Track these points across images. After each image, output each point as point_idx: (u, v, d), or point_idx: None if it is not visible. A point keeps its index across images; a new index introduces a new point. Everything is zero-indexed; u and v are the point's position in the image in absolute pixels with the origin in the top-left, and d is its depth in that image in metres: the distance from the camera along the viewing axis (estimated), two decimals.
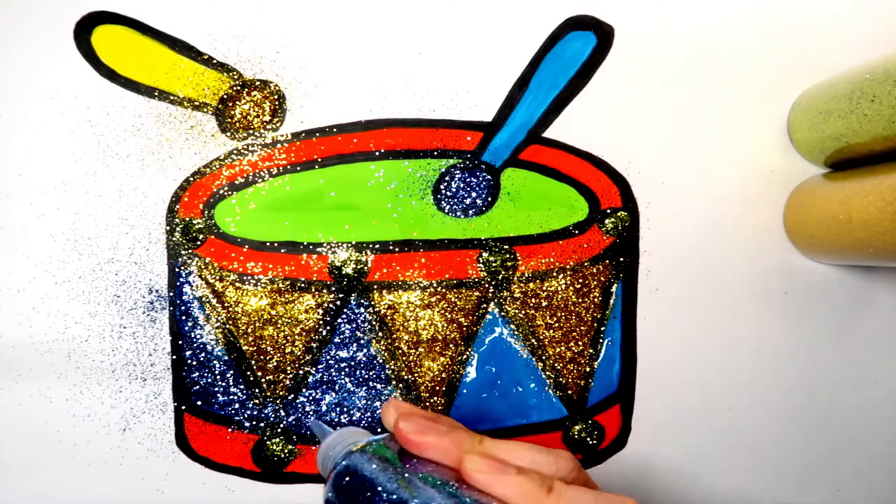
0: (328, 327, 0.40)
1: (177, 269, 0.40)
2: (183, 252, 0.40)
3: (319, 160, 0.40)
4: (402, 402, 0.30)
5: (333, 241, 0.40)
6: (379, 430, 0.41)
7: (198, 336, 0.40)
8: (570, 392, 0.41)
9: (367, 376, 0.41)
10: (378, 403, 0.41)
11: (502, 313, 0.41)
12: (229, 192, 0.40)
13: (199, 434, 0.41)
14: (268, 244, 0.40)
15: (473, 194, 0.41)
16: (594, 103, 0.41)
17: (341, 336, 0.40)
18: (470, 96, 0.41)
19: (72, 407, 0.40)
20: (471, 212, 0.41)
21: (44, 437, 0.41)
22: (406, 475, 0.26)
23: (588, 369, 0.41)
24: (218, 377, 0.40)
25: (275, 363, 0.40)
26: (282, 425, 0.41)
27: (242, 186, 0.40)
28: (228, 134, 0.40)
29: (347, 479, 0.27)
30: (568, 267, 0.41)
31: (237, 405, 0.41)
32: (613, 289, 0.41)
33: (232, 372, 0.40)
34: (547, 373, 0.41)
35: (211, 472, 0.41)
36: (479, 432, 0.41)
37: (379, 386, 0.41)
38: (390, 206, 0.40)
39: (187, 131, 0.40)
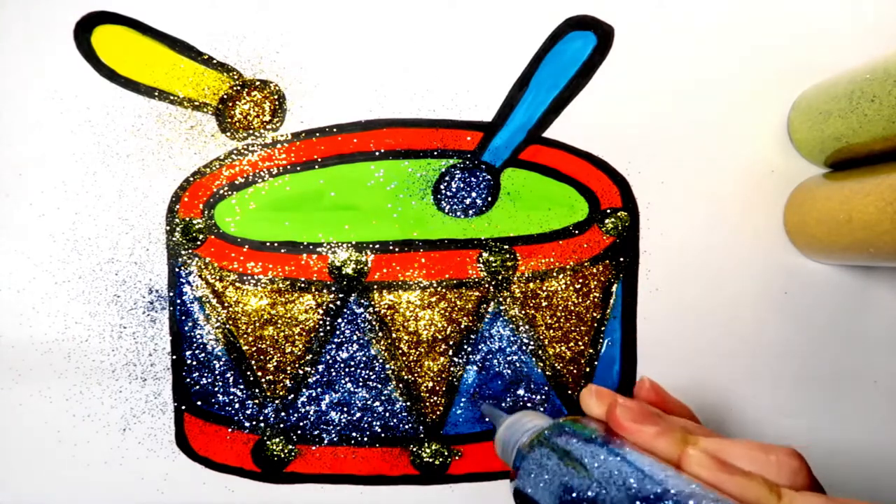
0: (328, 327, 0.40)
1: (177, 269, 0.40)
2: (183, 252, 0.40)
3: (319, 160, 0.40)
4: (603, 389, 0.29)
5: (333, 241, 0.40)
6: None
7: (198, 336, 0.40)
8: (570, 392, 0.41)
9: (367, 376, 0.41)
10: (378, 403, 0.41)
11: (502, 313, 0.41)
12: (229, 192, 0.40)
13: (199, 434, 0.41)
14: (268, 244, 0.40)
15: (473, 194, 0.41)
16: (594, 103, 0.41)
17: (341, 336, 0.40)
18: (470, 96, 0.41)
19: (72, 407, 0.40)
20: (471, 212, 0.41)
21: (44, 437, 0.41)
22: (616, 451, 0.25)
23: (588, 369, 0.41)
24: (218, 377, 0.40)
25: (275, 363, 0.40)
26: (282, 425, 0.41)
27: (242, 186, 0.40)
28: (228, 134, 0.40)
29: (548, 456, 0.26)
30: (568, 267, 0.41)
31: (237, 405, 0.41)
32: (613, 289, 0.41)
33: (232, 372, 0.40)
34: (547, 373, 0.41)
35: (211, 472, 0.41)
36: (478, 432, 0.41)
37: (379, 386, 0.41)
38: (390, 206, 0.40)
39: (187, 131, 0.40)
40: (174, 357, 0.40)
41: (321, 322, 0.40)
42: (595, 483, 0.24)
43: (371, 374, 0.41)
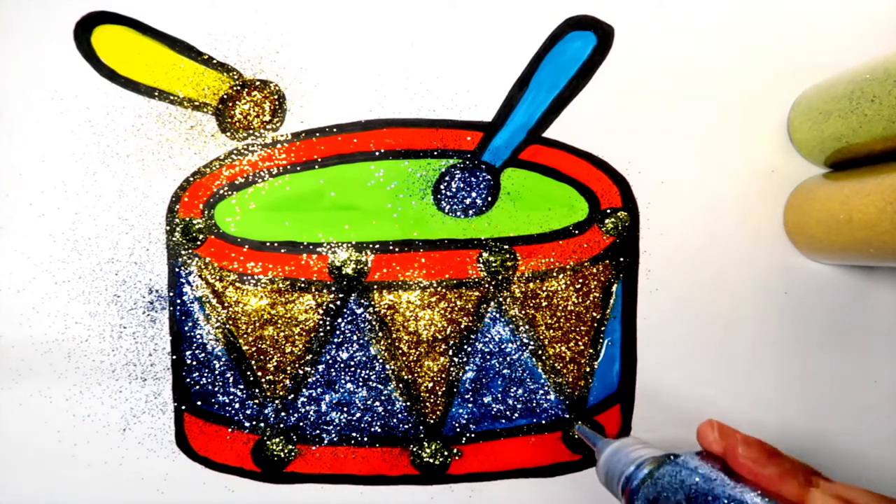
0: (328, 327, 0.40)
1: (177, 269, 0.40)
2: (183, 252, 0.40)
3: (319, 160, 0.40)
4: (724, 425, 0.30)
5: (333, 241, 0.40)
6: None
7: (198, 336, 0.40)
8: (570, 392, 0.41)
9: (367, 376, 0.41)
10: (378, 403, 0.41)
11: (502, 313, 0.41)
12: (229, 192, 0.40)
13: (199, 434, 0.41)
14: (268, 244, 0.40)
15: (473, 194, 0.41)
16: (594, 103, 0.41)
17: (341, 336, 0.40)
18: (470, 96, 0.41)
19: (72, 407, 0.40)
20: (471, 212, 0.41)
21: (44, 437, 0.41)
22: (739, 494, 0.26)
23: (588, 369, 0.41)
24: (218, 377, 0.40)
25: (275, 363, 0.40)
26: (282, 425, 0.41)
27: (242, 186, 0.40)
28: (228, 134, 0.40)
29: (662, 492, 0.28)
30: (568, 267, 0.41)
31: (237, 405, 0.41)
32: (613, 289, 0.41)
33: (232, 372, 0.40)
34: (547, 373, 0.41)
35: (211, 472, 0.41)
36: (478, 432, 0.41)
37: (379, 386, 0.41)
38: (390, 206, 0.40)
39: (187, 131, 0.40)
40: (174, 357, 0.40)
41: (321, 322, 0.40)
42: None
43: (371, 374, 0.41)
